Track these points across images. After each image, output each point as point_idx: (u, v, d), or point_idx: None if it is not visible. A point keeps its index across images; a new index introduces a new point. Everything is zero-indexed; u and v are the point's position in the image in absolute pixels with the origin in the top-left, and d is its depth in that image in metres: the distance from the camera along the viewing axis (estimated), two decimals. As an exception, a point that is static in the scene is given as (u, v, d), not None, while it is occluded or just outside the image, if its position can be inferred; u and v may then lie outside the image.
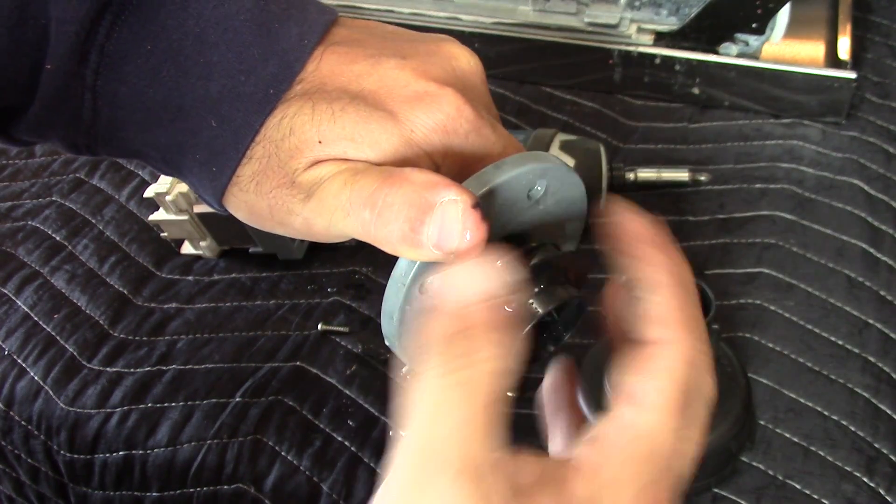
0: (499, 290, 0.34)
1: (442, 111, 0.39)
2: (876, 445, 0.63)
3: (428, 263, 0.36)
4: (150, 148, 0.44)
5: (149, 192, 0.77)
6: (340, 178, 0.38)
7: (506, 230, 0.39)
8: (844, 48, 0.86)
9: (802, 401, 0.66)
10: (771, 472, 0.63)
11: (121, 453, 0.71)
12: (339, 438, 0.68)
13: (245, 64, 0.41)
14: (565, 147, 0.77)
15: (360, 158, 0.39)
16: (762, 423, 0.65)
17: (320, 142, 0.39)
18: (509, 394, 0.32)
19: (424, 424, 0.31)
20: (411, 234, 0.35)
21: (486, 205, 0.36)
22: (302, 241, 0.80)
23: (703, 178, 0.80)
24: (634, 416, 0.33)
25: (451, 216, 0.34)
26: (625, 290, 0.37)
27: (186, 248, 0.83)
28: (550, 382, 0.49)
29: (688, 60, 0.87)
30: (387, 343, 0.40)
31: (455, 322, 0.33)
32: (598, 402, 0.62)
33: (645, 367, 0.34)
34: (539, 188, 0.38)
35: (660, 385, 0.33)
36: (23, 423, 0.75)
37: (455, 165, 0.40)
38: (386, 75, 0.40)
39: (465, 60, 0.44)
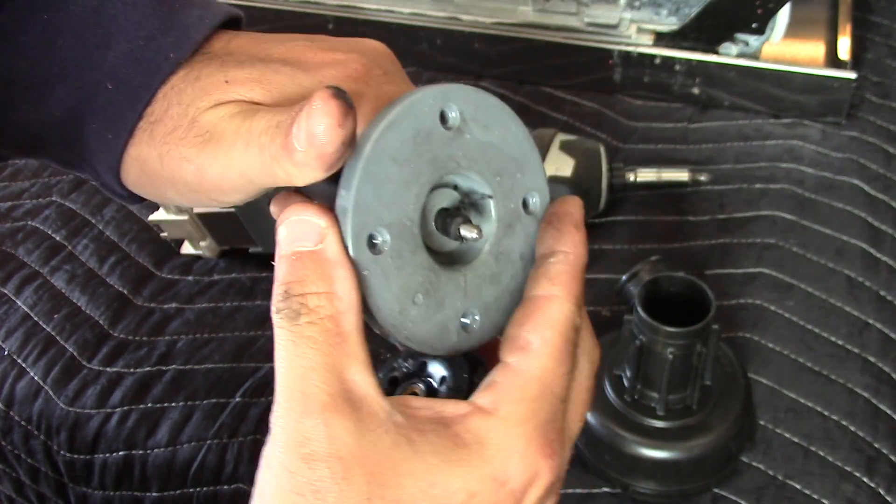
0: (306, 236, 0.34)
1: (349, 67, 0.39)
2: (876, 445, 0.63)
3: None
4: (48, 129, 0.43)
5: (149, 192, 0.77)
6: (242, 114, 0.37)
7: (439, 168, 0.36)
8: (844, 48, 0.86)
9: (802, 401, 0.66)
10: (771, 472, 0.62)
11: (121, 453, 0.71)
12: (339, 438, 0.68)
13: (145, 32, 0.40)
14: (565, 147, 0.77)
15: (267, 102, 0.38)
16: (762, 423, 0.65)
17: (227, 82, 0.39)
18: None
19: (282, 373, 0.33)
20: (285, 139, 0.33)
21: (397, 140, 0.34)
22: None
23: (703, 178, 0.80)
24: (525, 362, 0.35)
25: (316, 109, 0.32)
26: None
27: (186, 248, 0.83)
28: None
29: (688, 60, 0.87)
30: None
31: (288, 272, 0.34)
32: (598, 401, 0.62)
33: (532, 318, 0.36)
34: (453, 114, 0.36)
35: (546, 334, 0.35)
36: (23, 423, 0.74)
37: (370, 113, 0.37)
38: (294, 47, 0.40)
39: (374, 44, 0.43)
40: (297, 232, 0.34)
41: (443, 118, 0.36)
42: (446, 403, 0.35)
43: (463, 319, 0.38)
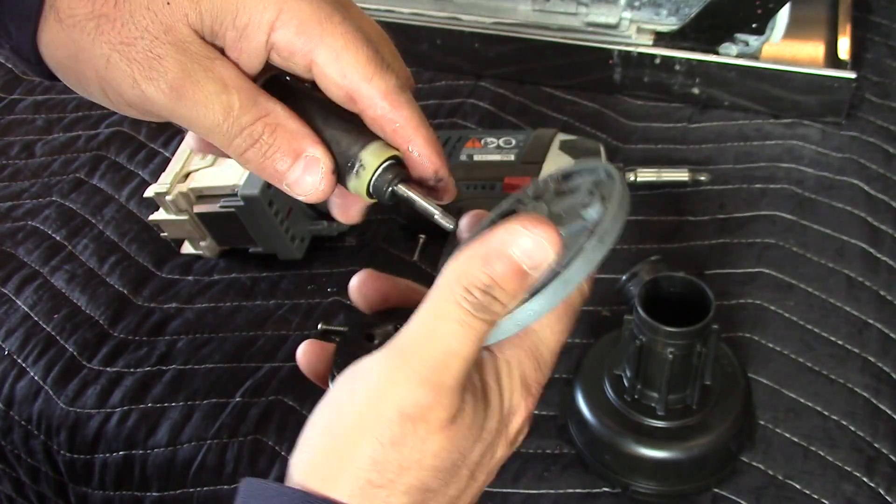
0: (543, 262, 0.38)
1: None
2: (876, 445, 0.63)
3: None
4: None
5: (149, 192, 0.77)
6: (220, 80, 0.40)
7: None
8: (844, 48, 0.86)
9: (802, 401, 0.66)
10: (771, 472, 0.62)
11: (121, 453, 0.71)
12: (339, 438, 0.68)
13: None
14: (565, 147, 0.77)
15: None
16: (762, 423, 0.65)
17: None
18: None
19: (430, 338, 0.37)
20: (276, 172, 0.42)
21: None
22: (302, 240, 0.80)
23: (703, 178, 0.80)
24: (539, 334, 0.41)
25: (313, 170, 0.41)
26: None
27: (186, 248, 0.83)
28: None
29: (688, 60, 0.87)
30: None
31: (504, 271, 0.37)
32: (598, 400, 0.62)
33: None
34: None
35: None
36: (23, 423, 0.74)
37: (294, 24, 0.40)
38: None
39: None
40: (534, 251, 0.37)
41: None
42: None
43: None
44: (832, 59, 0.86)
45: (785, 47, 0.88)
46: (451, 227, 0.42)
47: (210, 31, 0.41)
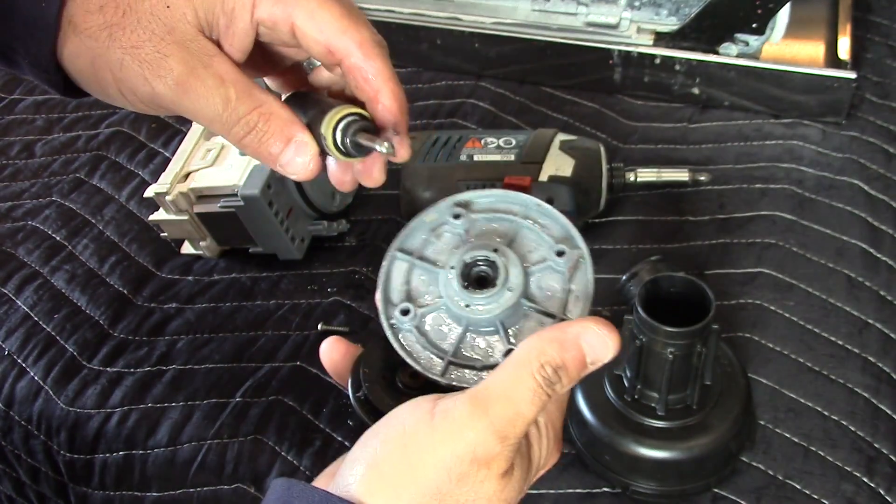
0: (602, 359, 0.43)
1: None
2: (876, 445, 0.63)
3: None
4: None
5: (149, 192, 0.77)
6: (218, 75, 0.45)
7: None
8: (844, 48, 0.86)
9: (802, 401, 0.66)
10: (771, 472, 0.62)
11: (121, 453, 0.71)
12: (339, 438, 0.68)
13: None
14: (565, 147, 0.77)
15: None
16: (762, 423, 0.65)
17: None
18: None
19: (505, 402, 0.41)
20: (270, 154, 0.46)
21: None
22: (302, 240, 0.80)
23: (703, 178, 0.80)
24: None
25: (302, 152, 0.46)
26: None
27: (186, 248, 0.83)
28: None
29: (688, 60, 0.87)
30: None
31: (573, 358, 0.43)
32: (598, 400, 0.62)
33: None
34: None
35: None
36: (23, 423, 0.75)
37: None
38: None
39: None
40: (598, 347, 0.43)
41: None
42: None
43: None
44: (832, 59, 0.86)
45: (785, 47, 0.88)
46: (384, 150, 0.45)
47: (206, 24, 0.46)
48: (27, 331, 0.78)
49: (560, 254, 0.47)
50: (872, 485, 0.61)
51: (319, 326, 0.75)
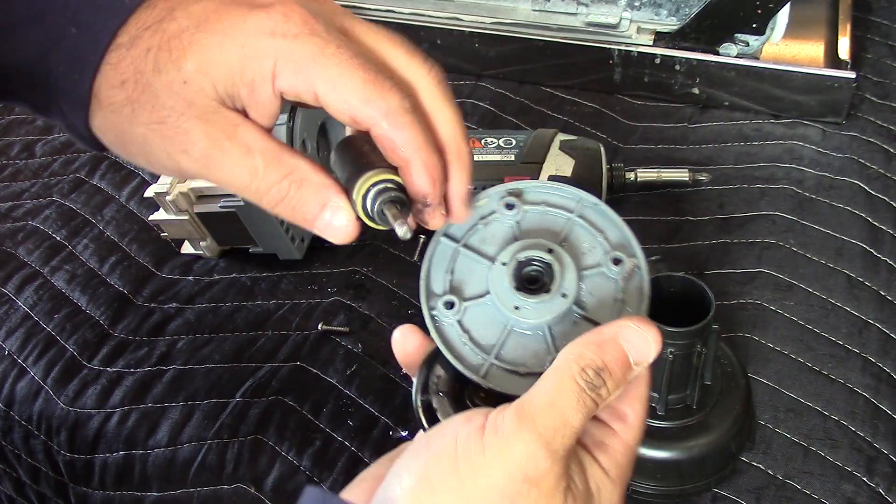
0: (646, 357, 0.42)
1: (270, 18, 0.44)
2: (876, 445, 0.63)
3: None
4: (19, 72, 0.47)
5: (149, 192, 0.77)
6: (244, 145, 0.44)
7: None
8: (844, 48, 0.86)
9: (802, 401, 0.66)
10: (771, 472, 0.63)
11: (121, 453, 0.71)
12: (339, 438, 0.68)
13: None
14: (565, 147, 0.77)
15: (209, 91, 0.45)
16: (762, 423, 0.65)
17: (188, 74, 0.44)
18: None
19: (549, 410, 0.39)
20: (305, 220, 0.45)
21: None
22: (302, 240, 0.80)
23: (703, 178, 0.80)
24: (625, 432, 0.43)
25: (338, 217, 0.45)
26: None
27: (186, 248, 0.83)
28: None
29: (688, 60, 0.87)
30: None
31: (614, 359, 0.41)
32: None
33: (629, 393, 0.43)
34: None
35: (637, 408, 0.43)
36: (23, 423, 0.75)
37: (290, 67, 0.43)
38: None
39: None
40: (639, 344, 0.42)
41: None
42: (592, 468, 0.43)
43: None
44: (832, 59, 0.86)
45: (785, 47, 0.88)
46: (409, 235, 0.44)
47: (228, 96, 0.44)
48: (27, 331, 0.78)
49: (617, 262, 0.45)
50: (872, 485, 0.61)
51: (319, 326, 0.75)
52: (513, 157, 0.76)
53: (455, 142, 0.46)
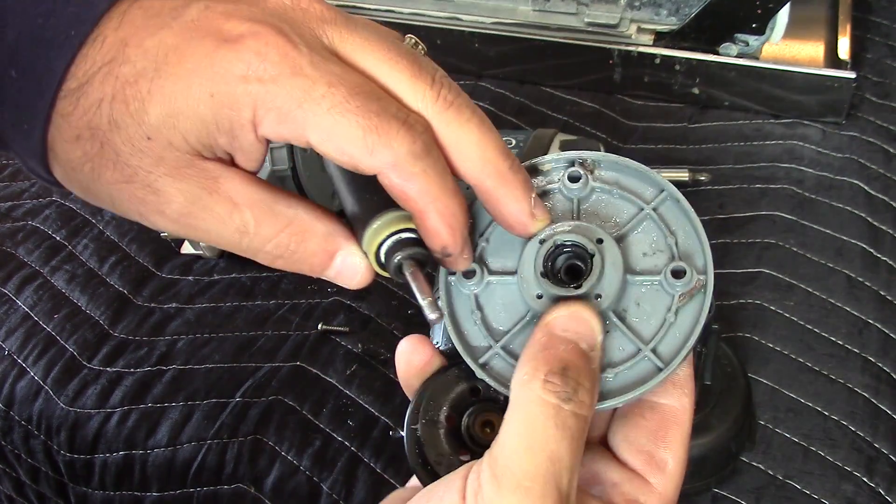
0: (589, 335, 0.37)
1: (241, 58, 0.37)
2: (876, 445, 0.63)
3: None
4: None
5: (149, 192, 0.77)
6: (229, 200, 0.38)
7: None
8: (844, 48, 0.86)
9: (802, 400, 0.66)
10: (771, 472, 0.62)
11: (121, 453, 0.71)
12: (339, 438, 0.68)
13: (43, 6, 0.38)
14: (565, 147, 0.77)
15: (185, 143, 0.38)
16: (762, 423, 0.65)
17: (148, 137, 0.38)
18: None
19: (525, 447, 0.34)
20: (312, 271, 0.40)
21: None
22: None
23: (703, 178, 0.80)
24: (663, 484, 0.38)
25: (349, 263, 0.40)
26: None
27: (186, 248, 0.83)
28: None
29: (688, 60, 0.87)
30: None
31: (568, 351, 0.36)
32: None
33: (668, 434, 0.38)
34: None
35: (679, 454, 0.38)
36: (23, 422, 0.74)
37: (273, 116, 0.37)
38: (187, 24, 0.38)
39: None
40: (578, 327, 0.36)
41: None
42: None
43: None
44: (832, 59, 0.86)
45: (785, 47, 0.88)
46: (435, 317, 0.38)
47: (204, 147, 0.38)
48: (27, 331, 0.78)
49: (679, 274, 0.37)
50: (872, 485, 0.61)
51: (319, 326, 0.75)
52: (513, 157, 0.76)
53: (491, 164, 0.39)
